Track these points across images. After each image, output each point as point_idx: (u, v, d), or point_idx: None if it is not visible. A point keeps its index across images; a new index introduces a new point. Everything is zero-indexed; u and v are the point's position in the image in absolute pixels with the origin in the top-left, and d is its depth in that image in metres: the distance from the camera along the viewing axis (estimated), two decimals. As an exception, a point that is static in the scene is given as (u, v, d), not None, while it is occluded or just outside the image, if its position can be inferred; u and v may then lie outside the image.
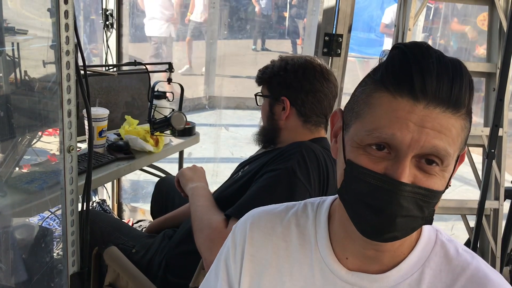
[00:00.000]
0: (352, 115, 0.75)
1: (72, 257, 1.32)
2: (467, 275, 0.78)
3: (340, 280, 0.81)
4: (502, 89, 2.05)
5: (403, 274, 0.79)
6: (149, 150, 2.19)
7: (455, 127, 0.69)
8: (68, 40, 1.19)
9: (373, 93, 0.72)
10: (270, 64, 1.62)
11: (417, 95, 0.67)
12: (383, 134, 0.69)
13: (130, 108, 2.58)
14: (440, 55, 0.70)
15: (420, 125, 0.67)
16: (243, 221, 0.93)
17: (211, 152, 4.82)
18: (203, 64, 6.60)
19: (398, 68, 0.69)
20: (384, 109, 0.69)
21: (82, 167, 1.92)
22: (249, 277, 0.88)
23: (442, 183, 0.72)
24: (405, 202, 0.69)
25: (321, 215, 0.87)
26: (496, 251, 2.39)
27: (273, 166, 1.44)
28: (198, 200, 1.53)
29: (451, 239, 0.84)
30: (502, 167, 2.35)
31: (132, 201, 3.38)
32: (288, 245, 0.87)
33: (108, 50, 2.93)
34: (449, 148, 0.69)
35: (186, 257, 1.56)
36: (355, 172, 0.72)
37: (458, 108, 0.68)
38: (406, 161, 0.69)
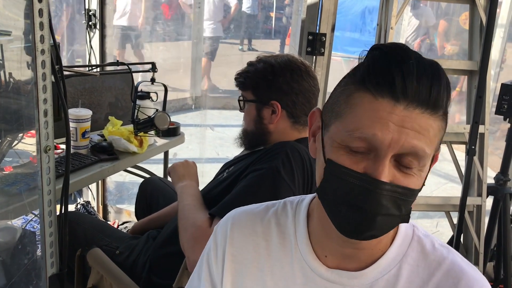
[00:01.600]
0: (332, 115, 0.76)
1: (50, 259, 1.31)
2: (443, 269, 0.80)
3: (320, 277, 0.82)
4: (482, 86, 2.08)
5: (381, 270, 0.80)
6: (133, 150, 2.18)
7: (433, 127, 0.71)
8: (43, 39, 1.17)
9: (353, 93, 0.73)
10: (250, 67, 1.57)
11: (398, 96, 0.68)
12: (364, 134, 0.70)
13: (114, 109, 2.56)
14: (419, 57, 0.71)
15: (400, 125, 0.68)
16: (224, 221, 0.93)
17: (197, 152, 4.81)
18: (188, 64, 6.57)
19: (379, 69, 0.70)
20: (365, 109, 0.70)
21: (62, 170, 1.90)
22: (230, 277, 0.89)
23: (419, 182, 0.73)
24: (385, 200, 0.70)
25: (300, 213, 0.88)
26: (479, 247, 2.42)
27: (258, 165, 1.45)
28: (186, 198, 1.53)
29: (428, 234, 0.85)
30: (484, 164, 2.38)
31: (117, 203, 3.36)
32: (268, 244, 0.88)
33: (91, 50, 2.91)
34: (427, 148, 0.71)
35: (170, 258, 1.55)
36: (336, 172, 0.73)
37: (437, 109, 0.70)
38: (386, 161, 0.70)
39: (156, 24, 6.99)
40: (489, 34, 2.10)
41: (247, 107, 1.60)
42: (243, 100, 1.61)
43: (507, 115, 2.19)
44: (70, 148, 1.35)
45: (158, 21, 7.07)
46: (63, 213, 1.36)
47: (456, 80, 5.34)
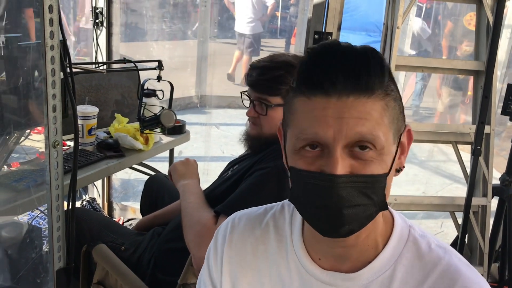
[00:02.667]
0: (285, 125, 0.79)
1: (58, 253, 1.32)
2: (438, 270, 0.79)
3: (315, 280, 0.83)
4: (488, 87, 2.07)
5: (376, 272, 0.80)
6: (139, 148, 2.19)
7: (374, 109, 0.70)
8: (53, 35, 1.18)
9: (292, 100, 0.76)
10: (276, 72, 1.51)
11: (328, 90, 0.69)
12: (307, 135, 0.72)
13: (120, 106, 2.57)
14: (348, 48, 0.72)
15: (338, 116, 0.69)
16: (224, 225, 0.95)
17: (202, 150, 4.82)
18: (194, 63, 6.58)
19: (306, 71, 0.73)
20: (302, 111, 0.73)
21: (71, 165, 1.92)
22: (229, 279, 0.90)
23: (382, 166, 0.72)
24: (345, 193, 0.70)
25: (296, 216, 0.89)
26: (484, 248, 2.41)
27: (263, 164, 1.45)
28: (189, 197, 1.53)
29: (424, 235, 0.84)
30: (490, 164, 2.37)
31: (122, 200, 3.37)
32: (266, 247, 0.89)
33: (98, 48, 2.92)
34: (375, 131, 0.70)
35: (175, 254, 1.56)
36: (297, 176, 0.75)
37: (371, 91, 0.70)
38: (336, 154, 0.70)
39: (162, 22, 7.01)
40: (496, 34, 2.09)
41: (270, 112, 1.53)
42: (269, 105, 1.52)
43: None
44: (78, 143, 1.36)
45: (165, 19, 7.08)
46: (71, 208, 1.37)
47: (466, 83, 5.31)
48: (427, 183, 4.13)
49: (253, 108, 1.56)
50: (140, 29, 6.83)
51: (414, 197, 2.43)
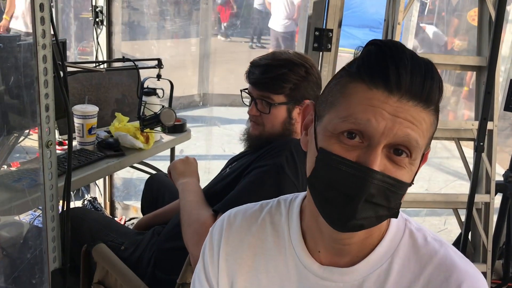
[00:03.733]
0: (326, 106, 0.77)
1: (53, 253, 1.32)
2: (434, 263, 0.79)
3: (313, 275, 0.82)
4: (490, 82, 2.05)
5: (373, 265, 0.80)
6: (139, 147, 2.18)
7: (425, 121, 0.71)
8: (44, 34, 1.17)
9: (348, 84, 0.73)
10: (279, 70, 1.49)
11: (392, 88, 0.69)
12: (358, 119, 0.70)
13: (120, 105, 2.57)
14: (413, 53, 0.72)
15: (394, 114, 0.69)
16: (219, 222, 0.94)
17: (203, 149, 4.81)
18: (196, 61, 6.58)
19: (374, 61, 0.71)
20: (359, 97, 0.71)
21: (73, 164, 1.91)
22: (226, 276, 0.90)
23: (409, 175, 0.73)
24: (374, 189, 0.70)
25: (293, 211, 0.89)
26: (487, 245, 2.40)
27: (262, 162, 1.44)
28: (187, 195, 1.52)
29: (421, 228, 0.85)
30: (493, 161, 2.35)
31: (124, 199, 3.37)
32: (263, 243, 0.88)
33: (98, 47, 2.92)
34: (420, 140, 0.71)
35: (175, 253, 1.55)
36: (327, 160, 0.73)
37: (429, 103, 0.71)
38: (378, 150, 0.70)
39: (163, 20, 7.00)
40: (498, 30, 2.07)
41: (273, 110, 1.51)
42: (272, 103, 1.50)
43: (516, 112, 2.16)
44: (72, 143, 1.36)
45: (166, 17, 7.07)
46: (66, 207, 1.36)
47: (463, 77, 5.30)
48: (430, 180, 4.11)
49: (255, 106, 1.55)
50: (141, 27, 6.82)
51: (417, 194, 2.41)
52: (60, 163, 1.83)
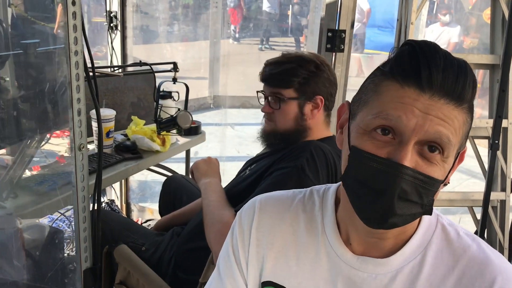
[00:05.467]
0: (360, 104, 0.78)
1: (84, 253, 1.35)
2: (468, 256, 0.80)
3: (345, 264, 0.83)
4: (505, 80, 2.06)
5: (407, 258, 0.81)
6: (156, 149, 2.21)
7: (457, 119, 0.72)
8: (77, 41, 1.21)
9: (381, 82, 0.75)
10: (288, 65, 1.54)
11: (423, 86, 0.70)
12: (389, 115, 0.71)
13: (136, 109, 2.60)
14: (447, 53, 0.73)
15: (425, 112, 0.70)
16: (249, 206, 0.94)
17: (217, 151, 4.84)
18: (206, 64, 6.62)
19: (407, 61, 0.73)
20: (391, 95, 0.73)
21: (91, 168, 1.95)
22: (256, 261, 0.90)
23: (442, 173, 0.74)
24: (405, 185, 0.71)
25: (327, 201, 0.90)
26: (504, 243, 2.39)
27: (283, 164, 1.46)
28: (210, 195, 1.54)
29: (452, 223, 0.86)
30: (508, 158, 2.35)
31: (140, 201, 3.41)
32: (295, 230, 0.89)
33: (113, 52, 2.96)
34: (452, 137, 0.71)
35: (195, 253, 1.57)
36: (359, 157, 0.74)
37: (461, 101, 0.71)
38: (409, 146, 0.71)
39: (173, 24, 7.05)
40: (511, 28, 2.07)
41: (284, 106, 1.55)
42: (282, 98, 1.54)
43: (531, 109, 2.16)
44: (102, 144, 1.40)
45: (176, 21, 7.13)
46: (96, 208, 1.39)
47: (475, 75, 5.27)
48: (444, 178, 4.08)
49: (268, 104, 1.58)
50: (152, 31, 6.88)
51: (431, 193, 2.41)
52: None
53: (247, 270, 0.91)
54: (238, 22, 10.18)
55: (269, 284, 0.89)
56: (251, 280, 0.91)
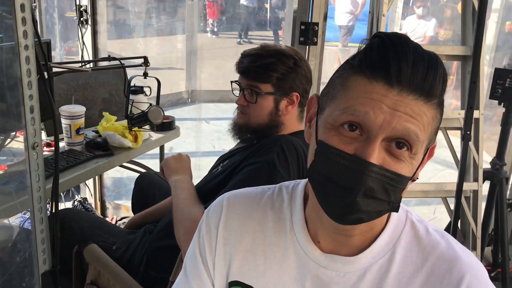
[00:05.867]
0: (328, 98, 0.77)
1: (42, 255, 1.30)
2: (436, 254, 0.80)
3: (314, 262, 0.82)
4: (475, 71, 2.07)
5: (375, 256, 0.81)
6: (128, 146, 2.17)
7: (426, 115, 0.71)
8: (26, 35, 1.16)
9: (349, 76, 0.73)
10: (267, 59, 1.51)
11: (392, 81, 0.68)
12: (357, 111, 0.70)
13: (108, 105, 2.55)
14: (418, 46, 0.71)
15: (393, 108, 0.69)
16: (217, 204, 0.92)
17: (193, 146, 4.80)
18: (183, 58, 6.55)
19: (376, 54, 0.71)
20: (359, 90, 0.71)
21: (61, 165, 1.90)
22: (223, 260, 0.88)
23: (409, 169, 0.73)
24: (372, 182, 0.69)
25: (296, 197, 0.88)
26: (476, 232, 2.43)
27: (253, 159, 1.44)
28: (180, 192, 1.52)
29: (421, 219, 0.85)
30: (480, 149, 2.38)
31: (115, 199, 3.36)
32: (263, 229, 0.88)
33: (84, 47, 2.90)
34: (420, 133, 0.70)
35: (167, 251, 1.55)
36: (325, 152, 0.73)
37: (431, 97, 0.70)
38: (376, 143, 0.70)
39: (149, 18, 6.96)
40: (481, 19, 2.09)
41: (260, 100, 1.53)
42: (259, 93, 1.52)
43: (502, 100, 2.19)
44: (58, 144, 1.34)
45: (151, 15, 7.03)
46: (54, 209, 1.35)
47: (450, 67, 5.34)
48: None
49: (243, 96, 1.56)
50: (127, 25, 6.78)
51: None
52: (48, 165, 1.81)
53: (214, 270, 0.89)
54: (216, 15, 10.12)
55: (237, 284, 0.88)
56: (218, 280, 0.90)
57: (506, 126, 2.31)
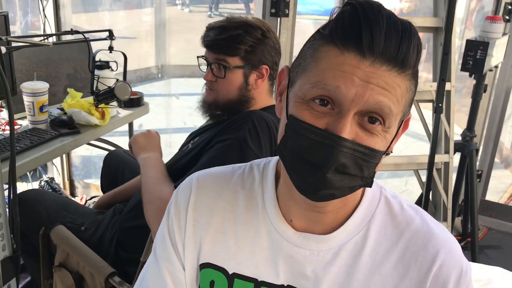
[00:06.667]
0: (299, 71, 0.73)
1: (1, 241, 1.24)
2: (411, 230, 0.79)
3: (286, 241, 0.80)
4: (448, 43, 2.06)
5: (349, 233, 0.79)
6: (95, 123, 2.10)
7: (400, 87, 0.68)
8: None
9: (320, 47, 0.70)
10: (234, 31, 1.45)
11: (364, 51, 0.65)
12: (327, 85, 0.67)
13: (73, 81, 2.46)
14: (391, 14, 0.68)
15: (365, 80, 0.66)
16: (186, 185, 0.89)
17: (164, 122, 4.72)
18: (152, 32, 6.38)
19: (347, 23, 0.67)
20: (330, 62, 0.68)
21: (22, 145, 1.82)
22: (193, 242, 0.85)
23: (383, 143, 0.70)
24: (344, 158, 0.67)
25: (268, 175, 0.85)
26: (447, 203, 2.47)
27: (224, 136, 1.40)
28: (149, 171, 1.47)
29: (396, 195, 0.84)
30: (451, 121, 2.40)
31: (84, 177, 3.28)
32: (234, 208, 0.85)
33: (45, 20, 2.76)
34: (393, 106, 0.68)
35: (137, 231, 1.51)
36: (296, 127, 0.70)
37: (404, 68, 0.67)
38: (348, 117, 0.67)
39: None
40: (453, -11, 2.07)
41: (229, 74, 1.47)
42: (227, 67, 1.46)
43: (472, 71, 2.19)
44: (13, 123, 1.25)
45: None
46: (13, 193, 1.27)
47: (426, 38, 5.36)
48: (390, 142, 4.16)
49: (211, 71, 1.50)
50: (92, -2, 6.55)
51: (378, 158, 2.44)
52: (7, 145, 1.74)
53: (184, 252, 0.86)
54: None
55: (208, 266, 0.85)
56: (189, 263, 0.86)
57: (477, 98, 2.32)
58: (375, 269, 0.78)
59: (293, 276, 0.80)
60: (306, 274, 0.79)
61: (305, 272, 0.79)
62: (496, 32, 2.16)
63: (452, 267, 0.77)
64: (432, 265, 0.76)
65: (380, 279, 0.78)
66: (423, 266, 0.77)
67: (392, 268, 0.78)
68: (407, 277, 0.77)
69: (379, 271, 0.78)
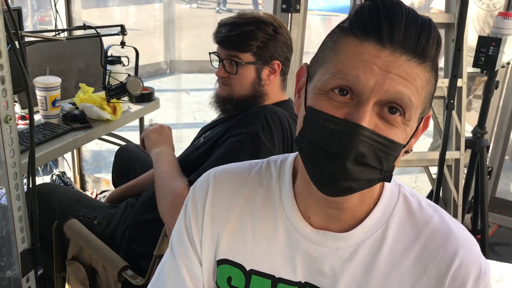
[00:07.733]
0: (318, 64, 0.73)
1: (21, 234, 1.25)
2: (430, 228, 0.78)
3: (304, 238, 0.80)
4: (460, 39, 2.05)
5: (368, 231, 0.79)
6: (106, 118, 2.11)
7: (420, 77, 0.68)
8: (-7, 2, 1.08)
9: (340, 39, 0.70)
10: (246, 27, 1.45)
11: (384, 41, 0.66)
12: (347, 75, 0.67)
13: (85, 76, 2.47)
14: (411, 9, 0.69)
15: (385, 69, 0.66)
16: (203, 180, 0.89)
17: (174, 117, 4.73)
18: (161, 27, 6.38)
19: (367, 15, 0.68)
20: (349, 53, 0.68)
21: (38, 139, 1.84)
22: (210, 239, 0.86)
23: (403, 136, 0.70)
24: (362, 147, 0.66)
25: (285, 172, 0.85)
26: (458, 200, 2.46)
27: (237, 130, 1.40)
28: (162, 165, 1.48)
29: (414, 193, 0.83)
30: (462, 118, 2.38)
31: (95, 172, 3.30)
32: (251, 205, 0.85)
33: (57, 15, 2.78)
34: (413, 97, 0.67)
35: (150, 225, 1.52)
36: (314, 118, 0.70)
37: (424, 58, 0.67)
38: (367, 106, 0.67)
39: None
40: (466, -15, 2.05)
41: (241, 70, 1.47)
42: (239, 63, 1.46)
43: (484, 68, 2.17)
44: (33, 116, 1.27)
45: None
46: (32, 185, 1.29)
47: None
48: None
49: (223, 67, 1.50)
50: (102, -7, 6.56)
51: (388, 154, 2.43)
52: (24, 138, 1.75)
53: (201, 249, 0.87)
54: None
55: (225, 262, 0.85)
56: (206, 259, 0.87)
57: (488, 95, 2.31)
58: (393, 267, 0.78)
59: (310, 273, 0.80)
60: (323, 272, 0.79)
61: (323, 270, 0.79)
62: (508, 28, 2.14)
63: (471, 266, 0.76)
64: (451, 264, 0.76)
65: (398, 277, 0.77)
66: (441, 265, 0.76)
67: (410, 266, 0.77)
68: (425, 275, 0.77)
69: (397, 269, 0.78)
